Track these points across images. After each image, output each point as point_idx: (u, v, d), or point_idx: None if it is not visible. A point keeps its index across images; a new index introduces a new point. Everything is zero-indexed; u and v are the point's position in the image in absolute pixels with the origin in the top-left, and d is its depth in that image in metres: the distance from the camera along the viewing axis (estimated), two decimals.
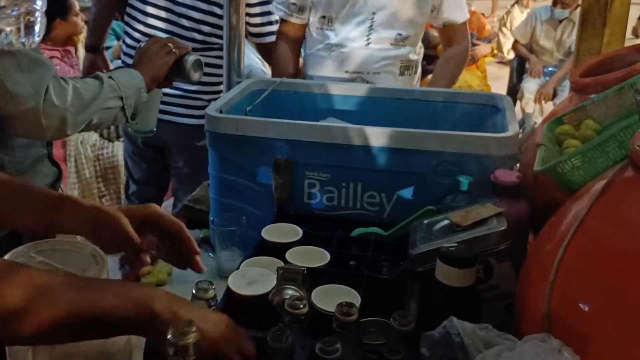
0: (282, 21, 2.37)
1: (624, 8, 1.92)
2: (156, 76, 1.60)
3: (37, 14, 1.07)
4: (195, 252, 1.09)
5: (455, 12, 2.30)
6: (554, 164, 1.12)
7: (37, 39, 1.09)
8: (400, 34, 2.25)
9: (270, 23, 2.46)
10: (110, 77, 1.49)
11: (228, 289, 1.12)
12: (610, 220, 0.88)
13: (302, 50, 2.50)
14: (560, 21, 5.55)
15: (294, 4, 2.30)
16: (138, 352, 1.00)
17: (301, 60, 2.47)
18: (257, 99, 1.78)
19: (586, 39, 1.97)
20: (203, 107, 2.27)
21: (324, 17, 2.25)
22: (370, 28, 2.22)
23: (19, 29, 1.06)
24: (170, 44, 1.62)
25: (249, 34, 2.45)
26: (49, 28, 3.22)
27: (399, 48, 2.26)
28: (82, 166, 3.38)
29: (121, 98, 1.49)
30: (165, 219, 1.07)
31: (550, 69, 5.47)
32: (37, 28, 1.07)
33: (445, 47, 2.44)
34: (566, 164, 1.11)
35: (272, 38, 2.45)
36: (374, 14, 2.22)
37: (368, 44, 2.24)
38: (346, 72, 2.25)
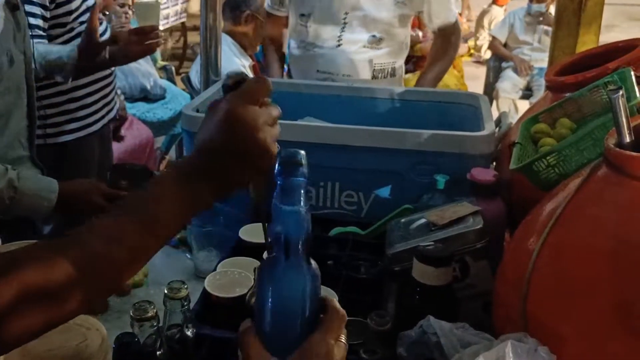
0: (268, 15, 2.41)
1: (598, 7, 1.94)
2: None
3: None
4: None
5: (445, 14, 2.28)
6: (529, 162, 1.13)
7: None
8: (374, 36, 2.20)
9: None
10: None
11: (205, 291, 1.11)
12: (585, 219, 0.89)
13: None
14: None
15: None
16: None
17: None
18: None
19: (561, 38, 1.99)
20: None
21: (302, 14, 2.24)
22: (343, 29, 2.18)
23: None
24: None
25: None
26: None
27: (373, 50, 2.21)
28: None
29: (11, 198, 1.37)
30: None
31: (536, 67, 5.49)
32: None
33: (437, 39, 2.42)
34: (541, 163, 1.12)
35: None
36: (346, 13, 2.17)
37: (339, 45, 2.20)
38: (317, 71, 2.23)
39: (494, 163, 1.50)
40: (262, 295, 0.64)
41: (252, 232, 1.33)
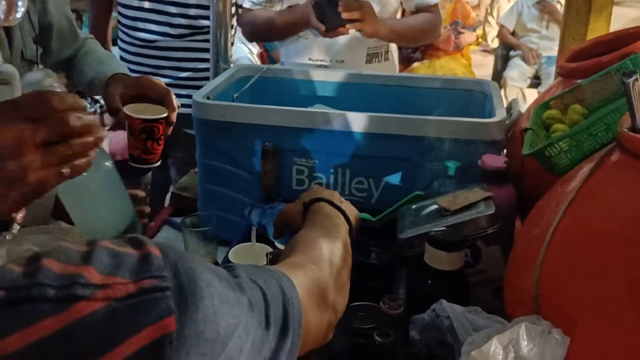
0: (247, 10, 2.26)
1: None
2: None
3: None
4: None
5: None
6: (541, 147, 1.13)
7: (19, 15, 1.09)
8: None
9: None
10: None
11: None
12: (598, 203, 0.89)
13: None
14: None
15: None
16: None
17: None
18: (244, 85, 1.77)
19: (571, 25, 1.98)
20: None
21: (290, 6, 2.18)
22: None
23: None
24: None
25: None
26: None
27: (365, 35, 2.13)
28: None
29: None
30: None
31: (544, 55, 5.45)
32: (20, 3, 1.07)
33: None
34: (554, 148, 1.12)
35: None
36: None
37: None
38: (310, 59, 2.19)
39: (505, 149, 1.50)
40: None
41: None
